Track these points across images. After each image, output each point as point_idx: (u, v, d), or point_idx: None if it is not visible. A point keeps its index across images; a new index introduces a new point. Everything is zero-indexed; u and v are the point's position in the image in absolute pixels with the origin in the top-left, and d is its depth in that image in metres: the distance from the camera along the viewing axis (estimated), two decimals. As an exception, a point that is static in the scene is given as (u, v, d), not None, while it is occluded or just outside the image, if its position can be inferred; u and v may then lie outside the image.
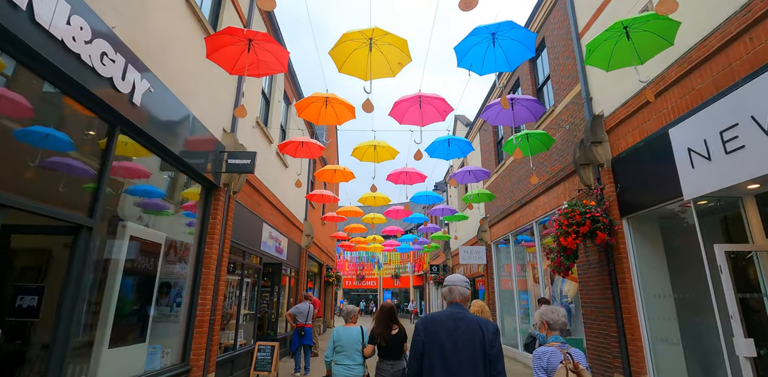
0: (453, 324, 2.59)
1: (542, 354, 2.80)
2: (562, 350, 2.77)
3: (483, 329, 2.57)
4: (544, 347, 2.86)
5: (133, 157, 4.64)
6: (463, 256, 13.38)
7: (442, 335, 2.56)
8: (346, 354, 4.49)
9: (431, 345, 2.56)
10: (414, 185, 10.05)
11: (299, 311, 8.95)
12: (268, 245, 9.46)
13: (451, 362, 2.48)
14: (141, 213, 4.95)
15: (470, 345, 2.51)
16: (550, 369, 2.72)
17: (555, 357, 2.74)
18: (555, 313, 2.99)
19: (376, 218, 14.00)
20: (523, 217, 10.61)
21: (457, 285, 2.81)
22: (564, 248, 6.28)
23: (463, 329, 2.56)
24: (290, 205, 11.90)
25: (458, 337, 2.54)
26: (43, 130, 3.31)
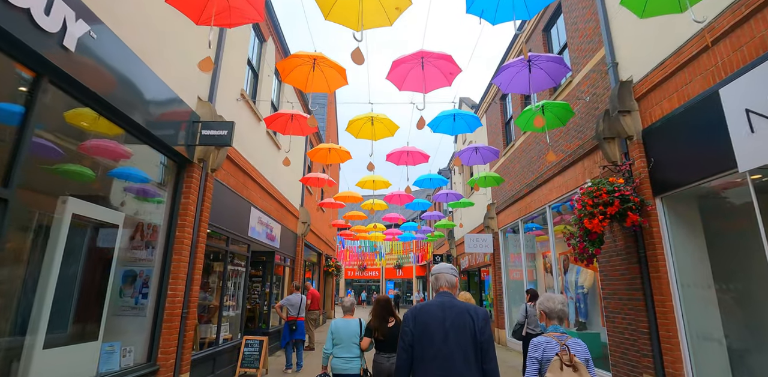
0: (442, 313, 2.52)
1: (538, 345, 2.69)
2: (560, 341, 2.66)
3: (473, 316, 2.50)
4: (541, 337, 2.75)
5: (83, 123, 3.84)
6: (469, 244, 12.60)
7: (432, 325, 2.49)
8: (343, 347, 4.45)
9: (421, 335, 2.49)
10: (417, 165, 9.26)
11: (290, 303, 8.21)
12: (257, 231, 8.70)
13: (442, 351, 2.41)
14: (94, 190, 4.17)
15: (460, 332, 2.44)
16: (545, 361, 2.63)
17: (551, 348, 2.64)
18: (551, 301, 2.85)
19: (376, 205, 13.21)
20: (535, 201, 9.79)
21: (443, 273, 2.72)
22: (588, 231, 5.48)
23: (453, 317, 2.49)
24: (284, 190, 11.12)
25: (448, 327, 2.46)
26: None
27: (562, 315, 2.84)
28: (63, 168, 3.74)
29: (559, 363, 2.56)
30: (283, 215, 11.17)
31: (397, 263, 35.80)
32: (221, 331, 7.09)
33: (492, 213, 12.98)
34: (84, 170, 4.00)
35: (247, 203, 8.11)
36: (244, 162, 7.72)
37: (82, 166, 3.96)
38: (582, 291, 8.62)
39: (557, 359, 2.57)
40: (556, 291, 8.90)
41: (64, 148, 3.70)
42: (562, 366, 2.55)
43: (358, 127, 7.50)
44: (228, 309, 7.83)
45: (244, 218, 7.96)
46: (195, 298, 5.67)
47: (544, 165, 9.17)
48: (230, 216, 7.23)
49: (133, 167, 4.77)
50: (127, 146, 4.62)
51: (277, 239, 10.39)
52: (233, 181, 7.37)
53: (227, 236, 7.19)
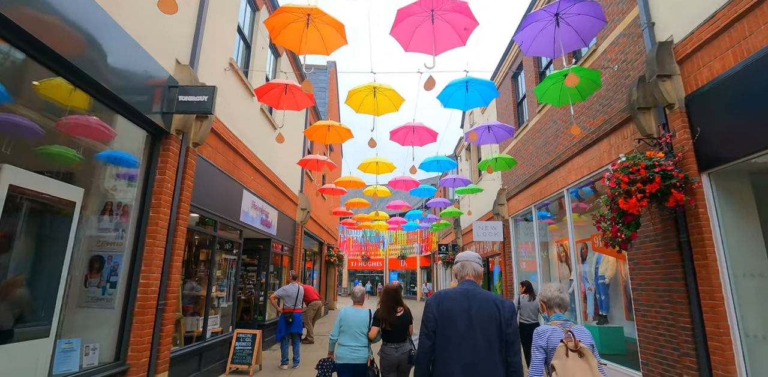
0: (467, 301, 2.44)
1: (542, 333, 2.66)
2: (564, 328, 2.63)
3: (499, 307, 2.43)
4: (544, 325, 2.72)
5: (36, 84, 3.14)
6: (477, 232, 11.90)
7: (456, 312, 2.41)
8: (350, 336, 4.34)
9: (444, 322, 2.41)
10: (424, 146, 8.53)
11: (286, 293, 7.57)
12: (250, 216, 8.02)
13: (465, 341, 2.33)
14: (49, 163, 3.49)
15: (486, 323, 2.37)
16: (550, 349, 2.59)
17: (555, 336, 2.61)
18: (547, 289, 2.85)
19: (379, 191, 12.51)
20: (551, 185, 9.06)
21: (470, 261, 2.66)
22: (622, 213, 4.76)
23: (478, 306, 2.41)
24: (281, 173, 10.42)
25: (473, 315, 2.39)
26: None
27: (561, 303, 2.78)
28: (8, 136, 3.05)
29: (564, 349, 2.50)
30: (281, 200, 10.49)
31: (401, 253, 35.19)
32: (208, 324, 6.46)
33: (502, 199, 12.26)
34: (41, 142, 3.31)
35: (239, 185, 7.43)
36: (234, 140, 7.02)
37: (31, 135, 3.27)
38: (603, 281, 7.93)
39: (562, 345, 2.52)
40: (576, 281, 8.21)
41: (13, 112, 3.00)
42: (567, 352, 2.48)
43: (359, 100, 6.76)
44: (218, 300, 7.20)
45: (236, 201, 7.28)
46: (174, 288, 5.01)
47: (563, 145, 8.42)
48: (218, 198, 6.55)
49: (99, 138, 4.08)
50: (92, 114, 3.93)
51: (274, 226, 9.73)
52: (222, 160, 6.67)
53: (215, 220, 6.52)
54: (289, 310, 7.44)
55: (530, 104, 10.46)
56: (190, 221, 5.93)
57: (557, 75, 6.13)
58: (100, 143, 4.21)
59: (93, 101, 3.99)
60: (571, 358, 2.49)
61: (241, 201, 7.53)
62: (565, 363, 2.47)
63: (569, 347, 2.51)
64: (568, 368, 2.45)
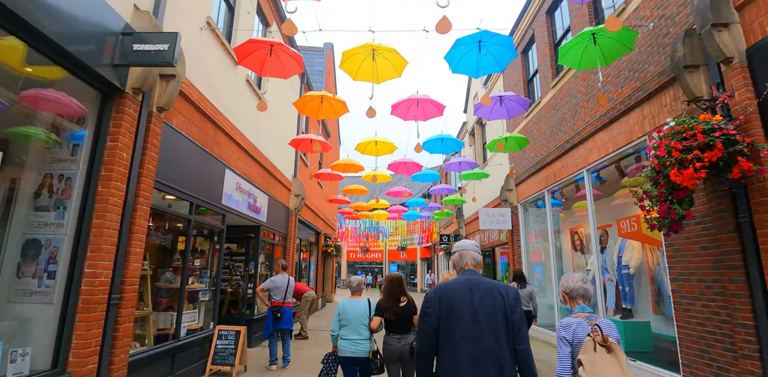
0: (469, 291, 2.33)
1: (567, 326, 2.52)
2: (590, 321, 2.49)
3: (503, 294, 2.32)
4: (569, 318, 2.57)
5: None
6: (484, 220, 11.10)
7: (459, 304, 2.30)
8: (351, 328, 4.22)
9: (448, 315, 2.29)
10: (429, 121, 7.67)
11: (274, 285, 6.76)
12: (235, 199, 7.19)
13: (471, 333, 2.23)
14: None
15: (491, 313, 2.26)
16: (576, 343, 2.46)
17: (582, 329, 2.47)
18: (569, 280, 2.69)
19: (378, 176, 11.66)
20: (567, 167, 8.22)
21: (468, 250, 2.56)
22: (674, 187, 3.92)
23: (481, 296, 2.30)
24: (271, 153, 9.57)
25: (477, 305, 2.28)
26: None
27: (585, 294, 2.65)
28: None
29: (592, 343, 2.38)
30: (271, 185, 9.65)
31: (401, 244, 34.40)
32: (183, 321, 5.65)
33: (510, 185, 11.43)
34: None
35: (221, 163, 6.59)
36: (213, 111, 6.16)
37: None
38: (626, 271, 7.14)
39: (590, 340, 2.40)
40: (598, 273, 7.42)
41: None
42: (595, 346, 2.36)
43: (356, 64, 5.90)
44: (198, 293, 6.40)
45: (216, 181, 6.44)
46: (134, 279, 4.19)
47: (583, 120, 7.57)
48: (195, 177, 5.71)
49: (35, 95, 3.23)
50: (28, 67, 3.10)
51: (264, 212, 8.90)
52: (198, 133, 5.82)
53: (190, 201, 5.68)
54: (278, 304, 6.63)
55: (543, 79, 9.59)
56: (160, 202, 5.10)
57: (586, 34, 5.28)
58: (38, 103, 3.37)
59: (28, 51, 3.16)
60: (599, 353, 2.34)
61: (223, 182, 6.69)
62: (593, 358, 2.33)
63: (597, 341, 2.37)
64: (596, 363, 2.31)
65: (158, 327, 5.46)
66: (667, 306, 5.95)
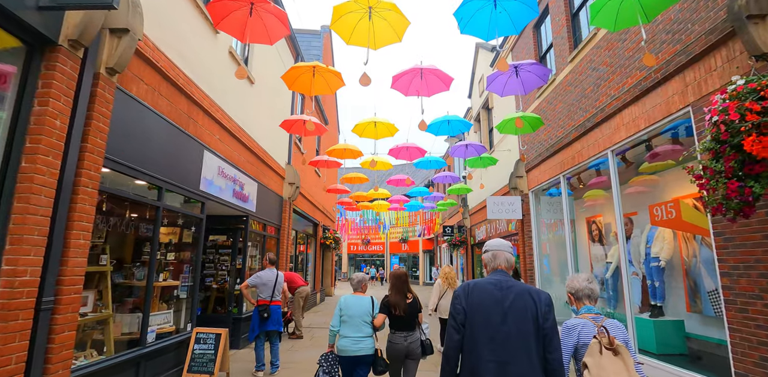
0: (500, 292, 2.24)
1: (572, 328, 2.47)
2: (596, 322, 2.43)
3: (535, 299, 2.20)
4: (573, 319, 2.52)
5: None
6: (492, 209, 10.30)
7: (488, 304, 2.20)
8: (353, 326, 4.02)
9: (474, 315, 2.19)
10: (434, 96, 6.83)
11: (261, 281, 5.99)
12: (217, 185, 6.40)
13: (499, 335, 2.12)
14: None
15: (521, 317, 2.15)
16: (581, 344, 2.39)
17: (587, 331, 2.41)
18: (575, 280, 2.65)
19: (378, 162, 10.85)
20: (588, 148, 7.41)
21: (502, 251, 2.45)
22: (746, 160, 3.11)
23: (513, 298, 2.20)
24: (263, 139, 8.77)
25: (507, 308, 2.17)
26: None
27: (591, 294, 2.58)
28: None
29: (598, 346, 2.28)
30: (262, 171, 8.85)
31: (403, 236, 33.68)
32: (151, 323, 4.89)
33: (520, 171, 10.61)
34: None
35: (197, 144, 5.79)
36: (186, 82, 5.34)
37: None
38: (656, 264, 6.35)
39: (596, 342, 2.30)
40: (625, 265, 6.64)
41: None
42: (601, 349, 2.26)
43: (350, 26, 5.06)
44: (174, 291, 5.64)
45: (192, 164, 5.65)
46: (75, 277, 3.41)
47: (607, 95, 6.74)
48: (163, 156, 4.91)
49: None
50: None
51: (252, 201, 8.12)
52: (168, 106, 5.01)
53: (158, 185, 4.88)
54: (264, 302, 5.87)
55: (558, 54, 8.74)
56: (119, 185, 4.30)
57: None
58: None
59: None
60: (605, 356, 2.26)
61: (202, 165, 5.90)
62: (598, 361, 2.25)
63: (604, 344, 2.30)
64: (602, 367, 2.23)
65: (122, 332, 4.71)
66: (705, 304, 5.20)
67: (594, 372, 2.23)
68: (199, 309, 7.57)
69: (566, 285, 2.69)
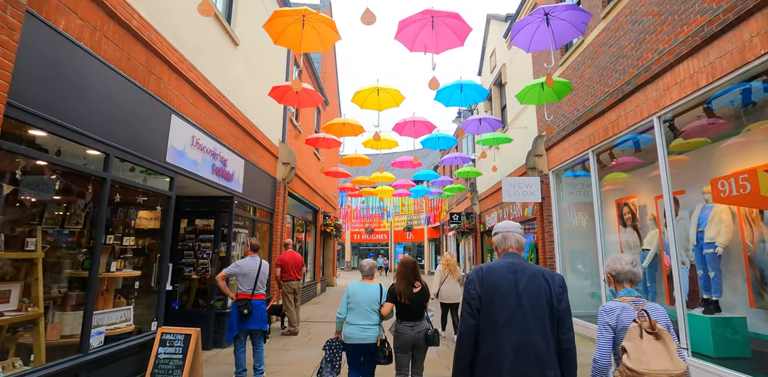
0: (514, 275, 2.17)
1: (611, 310, 2.37)
2: (636, 306, 2.33)
3: (549, 281, 2.15)
4: (613, 301, 2.44)
5: None
6: (508, 191, 9.28)
7: (503, 288, 2.14)
8: (359, 313, 3.96)
9: (490, 299, 2.14)
10: (443, 52, 5.79)
11: (240, 271, 5.01)
12: (191, 158, 5.41)
13: (515, 319, 2.08)
14: None
15: (536, 299, 2.11)
16: (620, 328, 2.30)
17: (627, 314, 2.31)
18: (618, 262, 2.53)
19: (382, 141, 9.82)
20: (626, 116, 6.35)
21: (512, 232, 2.37)
22: None
23: (527, 281, 2.15)
24: (251, 112, 7.76)
25: (522, 291, 2.13)
26: None
27: (633, 278, 2.48)
28: None
29: (638, 330, 2.18)
30: (250, 148, 7.85)
31: (408, 225, 32.70)
32: (99, 323, 3.94)
33: (539, 149, 9.55)
34: None
35: (162, 105, 4.78)
36: (142, 26, 4.32)
37: None
38: (712, 251, 5.35)
39: (636, 325, 2.20)
40: (675, 253, 5.64)
41: None
42: (642, 333, 2.16)
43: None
44: (134, 283, 4.69)
45: (155, 129, 4.65)
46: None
47: (653, 51, 5.66)
48: (108, 114, 3.91)
49: None
50: None
51: (238, 180, 7.13)
52: (116, 53, 3.99)
53: (102, 150, 3.88)
54: (245, 296, 4.90)
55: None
56: (44, 146, 3.32)
57: None
58: None
59: None
60: (645, 340, 2.14)
61: (169, 132, 4.90)
62: (638, 345, 2.13)
63: (644, 328, 2.17)
64: (642, 351, 2.12)
65: (63, 334, 3.77)
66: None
67: (633, 357, 2.14)
68: (177, 303, 6.65)
69: (607, 266, 2.59)
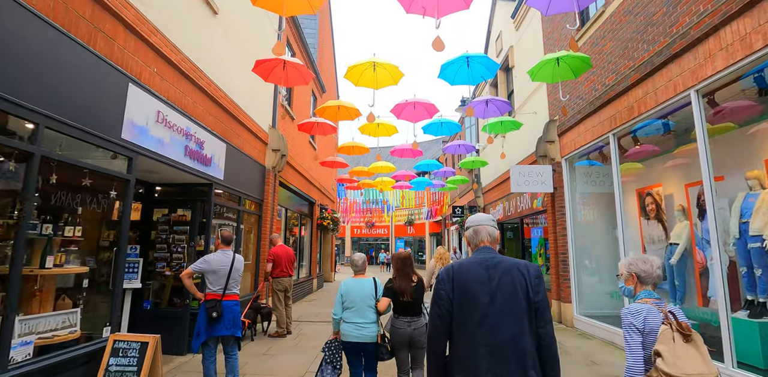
0: (486, 272, 2.05)
1: (636, 313, 2.27)
2: (660, 308, 2.26)
3: (523, 272, 2.04)
4: (637, 304, 2.34)
5: None
6: (517, 181, 8.54)
7: (474, 286, 2.02)
8: (356, 311, 3.80)
9: (462, 298, 2.02)
10: (447, 15, 5.00)
11: (209, 267, 4.27)
12: (155, 137, 4.68)
13: (489, 316, 1.96)
14: None
15: (510, 294, 1.99)
16: (648, 331, 2.21)
17: (653, 317, 2.23)
18: (648, 263, 2.43)
19: (380, 128, 9.06)
20: (655, 93, 5.59)
21: (483, 225, 2.21)
22: None
23: (500, 276, 2.02)
24: (234, 91, 7.01)
25: (495, 287, 2.00)
26: None
27: (658, 281, 2.42)
28: None
29: (670, 332, 2.10)
30: (234, 131, 7.12)
31: (409, 219, 31.96)
32: (32, 330, 3.22)
33: (551, 134, 8.80)
34: None
35: (115, 71, 4.03)
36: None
37: None
38: (760, 245, 4.62)
39: (667, 328, 2.12)
40: (718, 246, 4.91)
41: None
42: (674, 336, 2.08)
43: None
44: (83, 281, 3.96)
45: (105, 100, 3.91)
46: None
47: (692, 14, 4.88)
48: (36, 75, 3.17)
49: None
50: None
51: (218, 165, 6.40)
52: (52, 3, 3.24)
53: (28, 118, 3.14)
54: (214, 297, 4.18)
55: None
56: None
57: None
58: None
59: None
60: (677, 343, 2.06)
61: (125, 104, 4.16)
62: (673, 349, 2.06)
63: (675, 329, 2.10)
64: (678, 355, 2.04)
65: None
66: None
67: (670, 361, 2.04)
68: (148, 303, 5.94)
69: (631, 264, 2.48)
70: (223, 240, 4.45)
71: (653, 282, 2.41)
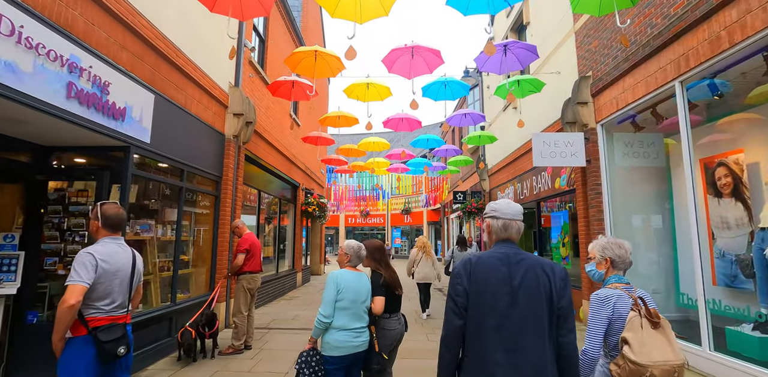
0: (507, 268, 1.84)
1: (606, 298, 2.18)
2: (629, 293, 2.20)
3: (548, 273, 1.83)
4: (606, 289, 2.25)
5: None
6: (541, 152, 6.80)
7: (494, 283, 1.83)
8: (353, 313, 3.00)
9: (479, 297, 1.82)
10: None
11: (110, 267, 2.40)
12: (2, 59, 2.90)
13: (509, 319, 1.77)
14: None
15: (533, 297, 1.79)
16: (616, 317, 2.15)
17: (622, 302, 2.16)
18: (623, 248, 2.34)
19: (370, 90, 7.25)
20: (753, 16, 3.85)
21: (516, 220, 1.95)
22: None
23: (523, 274, 1.83)
24: (174, 30, 5.21)
25: (517, 287, 1.80)
26: None
27: (629, 267, 2.35)
28: None
29: (639, 319, 2.06)
30: (172, 81, 5.34)
31: (405, 207, 30.21)
32: None
33: (584, 94, 7.02)
34: None
35: None
36: None
37: None
38: None
39: (636, 315, 2.08)
40: None
41: None
42: (642, 323, 2.05)
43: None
44: None
45: None
46: None
47: None
48: None
49: None
50: None
51: (140, 122, 4.63)
52: None
53: None
54: (115, 320, 2.39)
55: None
56: None
57: None
58: None
59: None
60: (645, 330, 2.03)
61: None
62: (641, 336, 2.02)
63: (644, 315, 2.06)
64: (644, 342, 2.00)
65: None
66: None
67: (636, 349, 1.99)
68: (35, 315, 4.21)
69: (605, 248, 2.35)
70: (106, 222, 2.66)
71: (625, 268, 2.35)
